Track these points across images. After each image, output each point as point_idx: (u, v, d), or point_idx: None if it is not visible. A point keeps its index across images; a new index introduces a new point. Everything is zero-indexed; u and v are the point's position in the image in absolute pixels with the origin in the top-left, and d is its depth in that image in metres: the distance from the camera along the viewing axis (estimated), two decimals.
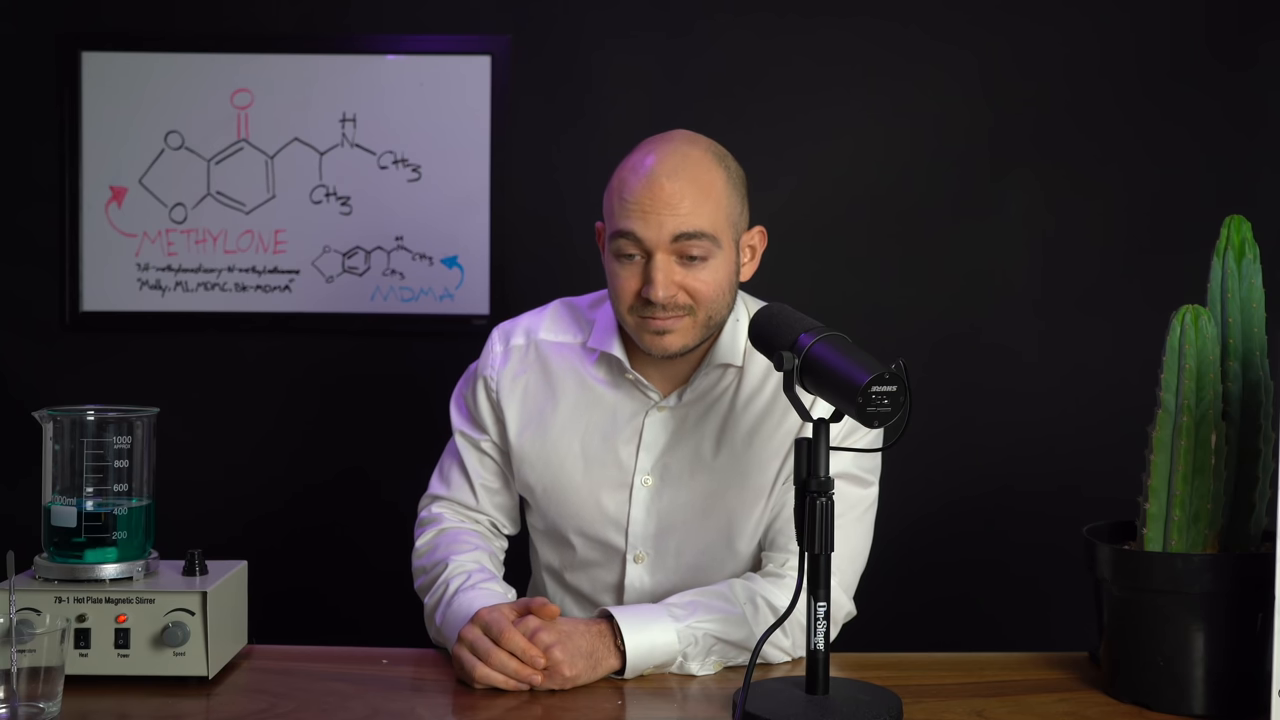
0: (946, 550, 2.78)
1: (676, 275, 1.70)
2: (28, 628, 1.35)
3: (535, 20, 2.77)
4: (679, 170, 1.70)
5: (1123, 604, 1.49)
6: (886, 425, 1.41)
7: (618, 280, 1.74)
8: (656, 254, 1.70)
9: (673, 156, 1.72)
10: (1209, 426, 1.45)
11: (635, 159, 1.74)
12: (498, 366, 1.88)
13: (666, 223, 1.68)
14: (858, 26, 2.77)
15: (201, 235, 2.78)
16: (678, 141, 1.75)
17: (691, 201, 1.69)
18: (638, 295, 1.72)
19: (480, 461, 1.89)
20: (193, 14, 2.78)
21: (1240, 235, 1.50)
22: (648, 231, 1.69)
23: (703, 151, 1.74)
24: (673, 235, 1.69)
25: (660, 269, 1.69)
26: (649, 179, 1.70)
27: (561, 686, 1.53)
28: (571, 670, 1.53)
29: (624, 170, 1.74)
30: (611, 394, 1.84)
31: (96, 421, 1.54)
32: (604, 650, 1.58)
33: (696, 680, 1.59)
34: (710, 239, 1.70)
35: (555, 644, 1.54)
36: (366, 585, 2.78)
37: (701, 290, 1.71)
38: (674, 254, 1.70)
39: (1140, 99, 2.77)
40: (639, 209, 1.69)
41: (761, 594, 1.68)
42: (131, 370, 2.80)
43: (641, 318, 1.73)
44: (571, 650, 1.54)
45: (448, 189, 2.78)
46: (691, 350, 1.77)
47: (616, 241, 1.72)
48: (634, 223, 1.69)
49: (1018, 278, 2.79)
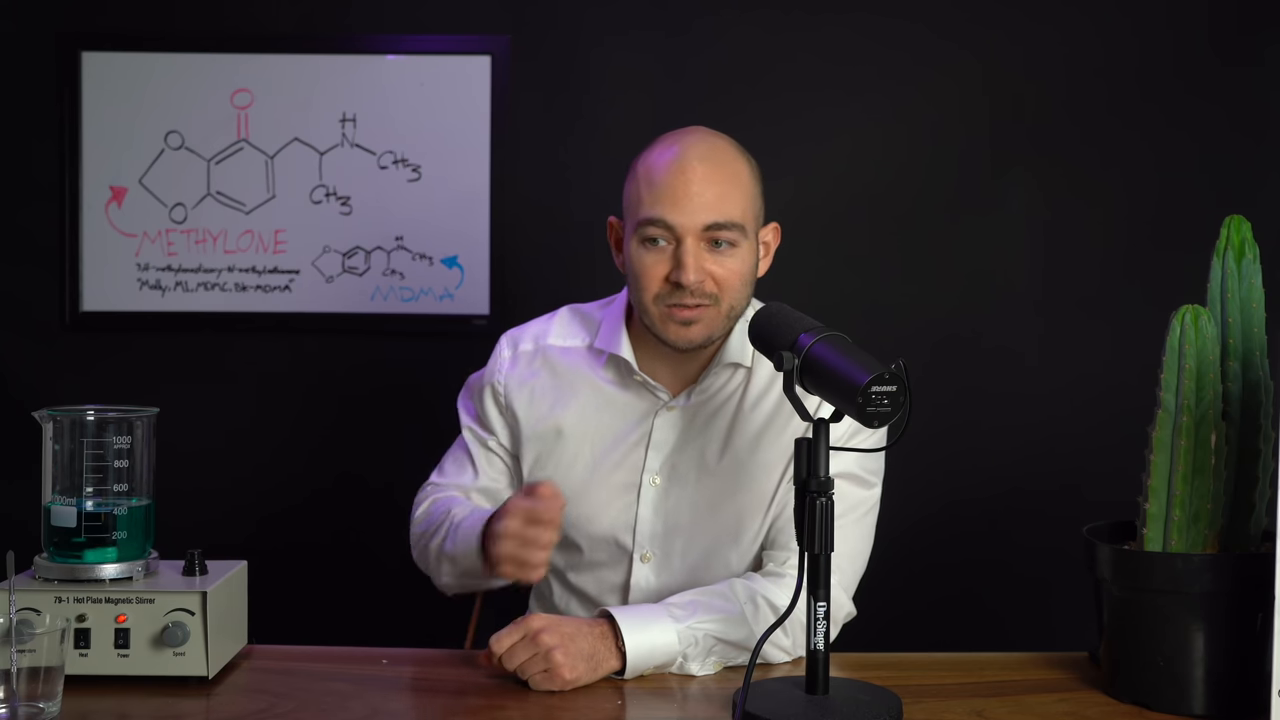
0: (947, 550, 2.78)
1: (705, 262, 1.72)
2: (28, 628, 1.35)
3: (535, 20, 2.77)
4: (708, 157, 1.73)
5: (1123, 604, 1.49)
6: (886, 425, 1.41)
7: (644, 267, 1.74)
8: (686, 239, 1.71)
9: (700, 145, 1.74)
10: (1209, 426, 1.45)
11: (659, 150, 1.75)
12: (506, 371, 1.89)
13: (699, 209, 1.70)
14: (859, 25, 2.77)
15: (201, 235, 2.78)
16: (701, 134, 1.78)
17: (721, 188, 1.71)
18: (665, 281, 1.72)
19: (487, 459, 1.90)
20: (193, 14, 2.78)
21: (1240, 235, 1.50)
22: (680, 217, 1.70)
23: (726, 143, 1.78)
24: (705, 224, 1.70)
25: (690, 253, 1.70)
26: (680, 165, 1.71)
27: (562, 689, 1.53)
28: (572, 673, 1.53)
29: (649, 161, 1.75)
30: (621, 395, 1.84)
31: (96, 421, 1.54)
32: (605, 651, 1.58)
33: (696, 680, 1.59)
34: (739, 228, 1.72)
35: (557, 647, 1.53)
36: (367, 585, 2.78)
37: (728, 279, 1.73)
38: (704, 241, 1.71)
39: (1140, 99, 2.77)
40: (670, 195, 1.70)
41: (762, 593, 1.68)
42: (131, 370, 2.80)
43: (668, 306, 1.73)
44: (573, 653, 1.54)
45: (448, 189, 2.78)
46: (710, 344, 1.78)
47: (645, 229, 1.73)
48: (665, 208, 1.71)
49: (1018, 277, 2.79)
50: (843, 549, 1.67)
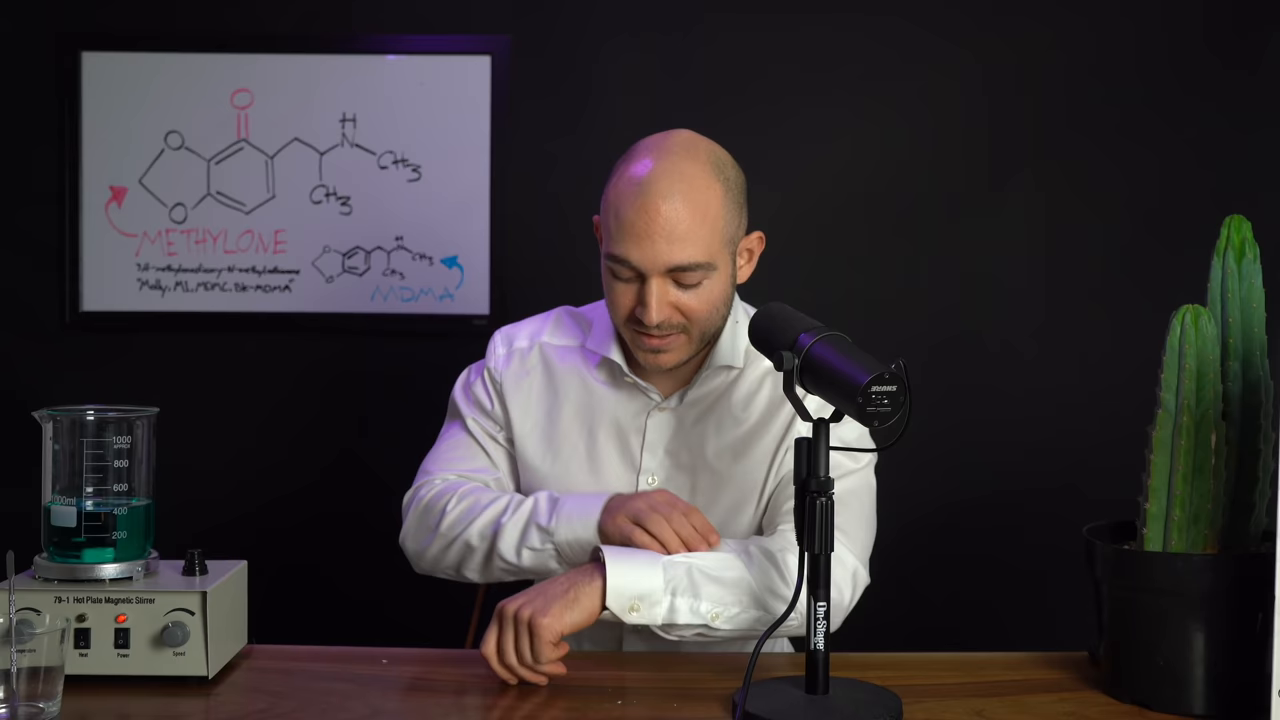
0: (947, 550, 2.79)
1: (670, 297, 1.69)
2: (28, 628, 1.35)
3: (535, 20, 2.77)
4: (676, 193, 1.66)
5: (1123, 604, 1.49)
6: (886, 425, 1.41)
7: (613, 294, 1.73)
8: (651, 279, 1.68)
9: (669, 175, 1.67)
10: (1209, 426, 1.45)
11: (631, 172, 1.69)
12: (501, 368, 1.88)
13: (661, 252, 1.66)
14: (859, 25, 2.77)
15: (201, 235, 2.78)
16: (676, 156, 1.69)
17: (688, 228, 1.66)
18: (632, 312, 1.71)
19: (496, 450, 1.88)
20: (193, 14, 2.78)
21: (1240, 235, 1.50)
22: (642, 259, 1.67)
23: (700, 167, 1.69)
24: (668, 266, 1.67)
25: (654, 293, 1.68)
26: (644, 203, 1.66)
27: (553, 640, 1.50)
28: (547, 616, 1.50)
29: (619, 184, 1.70)
30: (614, 395, 1.84)
31: (96, 421, 1.54)
32: (583, 585, 1.55)
33: (696, 680, 1.58)
34: (704, 267, 1.68)
35: (526, 604, 1.52)
36: (367, 585, 2.78)
37: (696, 309, 1.71)
38: (669, 278, 1.69)
39: (1140, 99, 2.77)
40: (633, 234, 1.66)
41: (754, 543, 1.67)
42: (131, 370, 2.80)
43: (636, 333, 1.73)
44: (547, 598, 1.52)
45: (448, 189, 2.78)
46: (686, 363, 1.78)
47: (611, 264, 1.70)
48: (628, 248, 1.67)
49: (1018, 277, 2.80)
50: (845, 515, 1.67)
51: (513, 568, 1.74)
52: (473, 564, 1.76)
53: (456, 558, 1.77)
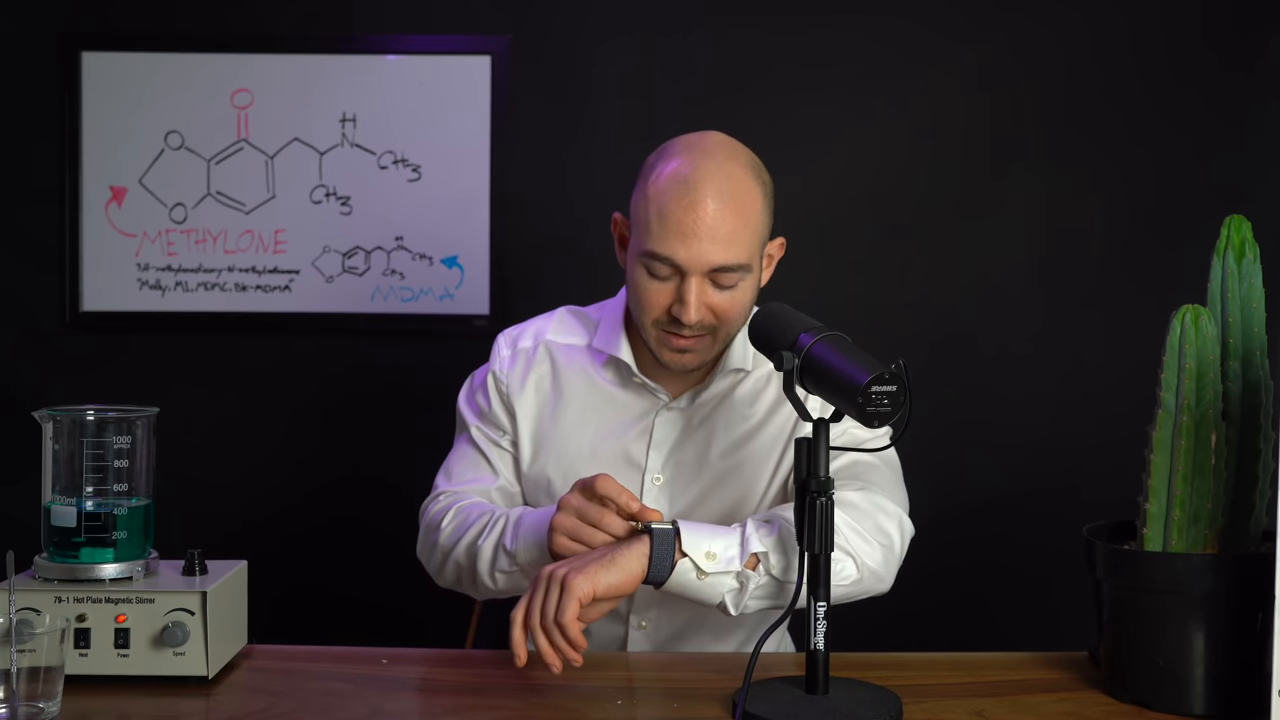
0: (946, 550, 2.78)
1: (706, 297, 1.69)
2: (28, 628, 1.35)
3: (535, 20, 2.77)
4: (723, 194, 1.65)
5: (1122, 604, 1.49)
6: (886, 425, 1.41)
7: (646, 292, 1.71)
8: (691, 278, 1.67)
9: (716, 176, 1.66)
10: (1209, 426, 1.45)
11: (673, 170, 1.68)
12: (506, 369, 1.88)
13: (705, 250, 1.65)
14: (858, 26, 2.78)
15: (201, 235, 2.78)
16: (720, 156, 1.69)
17: (732, 228, 1.65)
18: (666, 311, 1.70)
19: (501, 458, 1.87)
20: (193, 14, 2.78)
21: (1240, 235, 1.50)
22: (687, 257, 1.65)
23: (744, 169, 1.70)
24: (712, 266, 1.66)
25: (694, 292, 1.67)
26: (691, 201, 1.64)
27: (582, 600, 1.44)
28: (582, 574, 1.45)
29: (661, 182, 1.68)
30: (621, 394, 1.84)
31: (96, 421, 1.54)
32: (628, 550, 1.49)
33: (696, 680, 1.58)
34: (745, 268, 1.69)
35: (563, 564, 1.48)
36: (367, 585, 2.78)
37: (729, 310, 1.70)
38: (708, 279, 1.68)
39: (1140, 99, 2.77)
40: (679, 233, 1.65)
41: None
42: (131, 370, 2.80)
43: (665, 332, 1.72)
44: (585, 559, 1.48)
45: (448, 189, 2.78)
46: (703, 366, 1.78)
47: (650, 260, 1.68)
48: (673, 247, 1.65)
49: (1017, 277, 2.80)
50: (877, 478, 1.69)
51: (497, 590, 1.73)
52: (467, 582, 1.77)
53: (454, 576, 1.78)
